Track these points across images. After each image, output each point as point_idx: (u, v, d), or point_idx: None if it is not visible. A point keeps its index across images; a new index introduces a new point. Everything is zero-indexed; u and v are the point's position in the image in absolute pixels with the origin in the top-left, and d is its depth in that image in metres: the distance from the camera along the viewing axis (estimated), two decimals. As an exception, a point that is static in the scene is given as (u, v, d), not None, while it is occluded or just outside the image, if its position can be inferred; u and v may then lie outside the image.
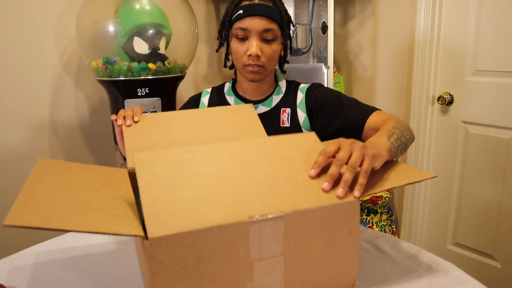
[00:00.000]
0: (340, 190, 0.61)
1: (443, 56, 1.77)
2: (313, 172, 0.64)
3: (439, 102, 1.78)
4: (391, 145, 0.78)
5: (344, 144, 0.66)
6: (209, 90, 1.20)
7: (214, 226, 0.54)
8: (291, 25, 1.11)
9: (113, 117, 0.92)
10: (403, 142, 0.84)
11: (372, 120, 0.96)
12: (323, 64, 1.83)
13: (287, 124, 1.09)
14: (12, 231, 1.71)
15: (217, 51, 1.12)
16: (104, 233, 0.50)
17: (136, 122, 0.90)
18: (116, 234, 0.50)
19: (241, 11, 1.01)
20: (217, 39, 1.11)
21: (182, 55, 1.65)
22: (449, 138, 1.81)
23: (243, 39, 1.02)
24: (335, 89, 1.97)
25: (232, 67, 1.15)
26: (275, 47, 1.04)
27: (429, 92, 1.82)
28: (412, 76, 1.85)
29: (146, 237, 0.52)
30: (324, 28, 1.84)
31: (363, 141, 0.87)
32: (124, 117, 0.90)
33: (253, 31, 1.00)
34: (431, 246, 1.95)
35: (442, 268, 0.74)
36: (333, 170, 0.63)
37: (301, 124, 1.09)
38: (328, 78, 1.82)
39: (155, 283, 0.54)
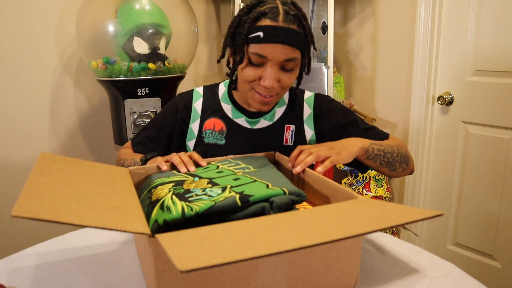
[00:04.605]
0: (298, 168, 0.82)
1: (443, 56, 1.77)
2: (290, 165, 0.86)
3: (439, 102, 1.78)
4: (369, 147, 0.89)
5: (316, 144, 0.89)
6: (201, 91, 1.05)
7: (219, 225, 0.54)
8: (313, 46, 0.94)
9: (163, 166, 0.84)
10: (387, 157, 0.92)
11: None
12: (323, 64, 1.83)
13: (290, 143, 1.01)
14: (12, 231, 1.71)
15: (218, 61, 0.96)
16: (111, 229, 0.49)
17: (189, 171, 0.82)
18: (123, 231, 0.50)
19: (260, 33, 0.83)
20: (224, 49, 0.93)
21: (182, 55, 1.65)
22: (449, 138, 1.81)
23: (259, 65, 0.87)
24: (335, 89, 1.98)
25: (232, 74, 0.95)
26: (294, 76, 0.91)
27: (429, 92, 1.82)
28: (412, 76, 1.85)
29: (152, 235, 0.52)
30: (324, 28, 1.84)
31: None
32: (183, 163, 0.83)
33: (273, 60, 0.85)
34: (431, 246, 1.95)
35: (442, 268, 0.74)
36: (300, 157, 0.84)
37: (307, 140, 1.02)
38: (328, 78, 1.82)
39: (160, 282, 0.54)
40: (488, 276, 1.74)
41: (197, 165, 0.86)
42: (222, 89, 1.04)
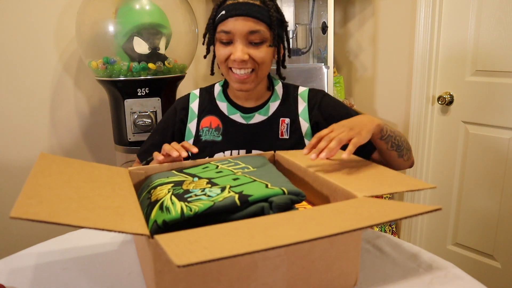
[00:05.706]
0: (323, 154, 0.75)
1: (443, 56, 1.77)
2: (305, 151, 0.80)
3: (439, 102, 1.78)
4: (384, 126, 0.87)
5: (334, 127, 0.81)
6: (197, 93, 1.08)
7: (217, 225, 0.54)
8: (285, 23, 0.99)
9: (159, 156, 0.86)
10: (397, 140, 0.91)
11: None
12: (323, 64, 1.83)
13: (286, 136, 1.02)
14: (12, 231, 1.71)
15: (205, 57, 1.01)
16: (110, 230, 0.49)
17: (179, 157, 0.84)
18: (122, 232, 0.50)
19: (223, 12, 0.91)
20: (203, 43, 1.00)
21: (182, 55, 1.65)
22: (449, 138, 1.81)
23: (228, 43, 0.92)
24: (335, 89, 1.98)
25: (212, 64, 1.05)
26: (265, 50, 0.93)
27: (429, 92, 1.82)
28: (412, 76, 1.85)
29: (151, 236, 0.52)
30: (324, 28, 1.84)
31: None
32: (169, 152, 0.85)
33: (237, 34, 0.90)
34: (431, 246, 1.95)
35: (442, 268, 0.74)
36: (321, 144, 0.77)
37: (303, 134, 1.02)
38: (328, 78, 1.82)
39: (159, 282, 0.54)
40: (488, 276, 1.74)
41: (195, 163, 0.87)
42: (218, 88, 1.08)
